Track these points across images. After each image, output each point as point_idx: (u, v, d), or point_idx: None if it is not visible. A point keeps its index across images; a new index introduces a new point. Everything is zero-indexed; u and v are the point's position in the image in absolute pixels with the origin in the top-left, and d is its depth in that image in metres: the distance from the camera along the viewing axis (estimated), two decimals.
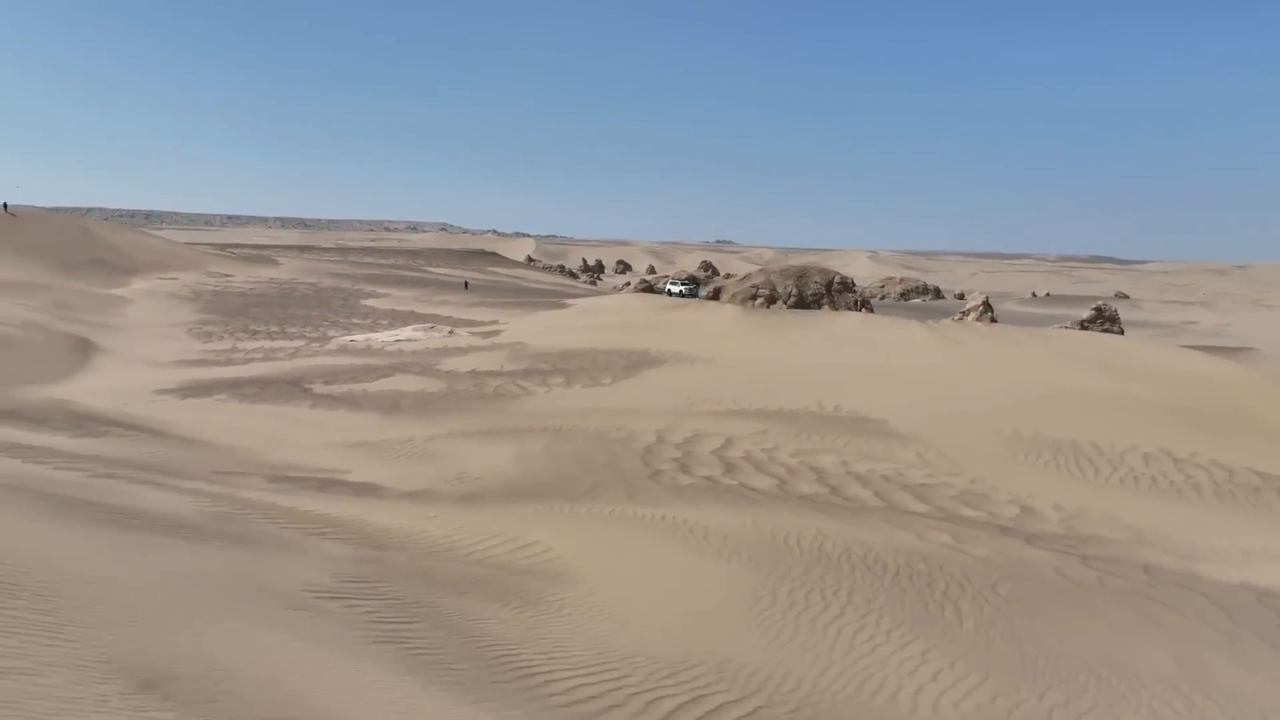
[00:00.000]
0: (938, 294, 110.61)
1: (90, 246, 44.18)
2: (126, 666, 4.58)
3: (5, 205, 52.32)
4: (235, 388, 20.01)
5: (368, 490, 12.34)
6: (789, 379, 20.56)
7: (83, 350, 23.45)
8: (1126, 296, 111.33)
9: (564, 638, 7.36)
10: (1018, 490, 13.97)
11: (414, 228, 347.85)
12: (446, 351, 26.52)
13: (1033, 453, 15.72)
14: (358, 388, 20.53)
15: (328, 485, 12.43)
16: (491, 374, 22.80)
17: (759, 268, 79.00)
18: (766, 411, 18.30)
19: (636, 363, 23.79)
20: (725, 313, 31.29)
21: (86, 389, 18.93)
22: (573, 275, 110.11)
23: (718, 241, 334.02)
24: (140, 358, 23.80)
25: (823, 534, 11.28)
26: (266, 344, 27.73)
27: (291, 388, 20.23)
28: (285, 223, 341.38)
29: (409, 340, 28.70)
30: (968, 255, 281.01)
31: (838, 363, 21.83)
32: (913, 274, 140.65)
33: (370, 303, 40.85)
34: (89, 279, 38.48)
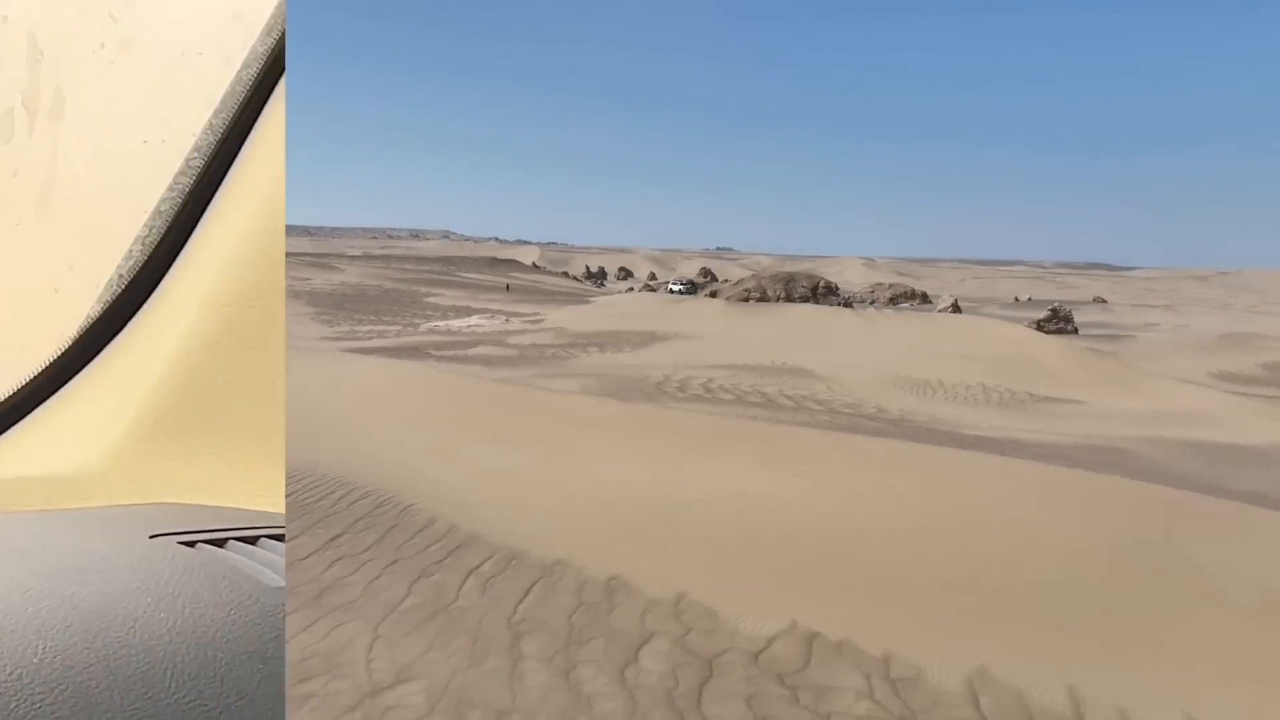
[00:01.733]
0: (925, 299, 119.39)
1: None
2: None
3: None
4: (379, 352, 29.44)
5: None
6: (754, 347, 29.93)
7: None
8: (1104, 301, 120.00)
9: None
10: (881, 403, 23.29)
11: (417, 235, 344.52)
12: (508, 333, 35.97)
13: (900, 385, 25.06)
14: (459, 353, 29.94)
15: None
16: (546, 346, 32.21)
17: (752, 274, 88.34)
18: (735, 365, 27.67)
19: (647, 339, 33.18)
20: (713, 305, 40.78)
21: None
22: (577, 281, 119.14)
23: (718, 249, 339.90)
24: (293, 334, 33.27)
25: (757, 417, 20.65)
26: (373, 328, 37.22)
27: (416, 353, 29.65)
28: (290, 230, 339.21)
29: (478, 325, 38.17)
30: (963, 262, 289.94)
31: (789, 337, 31.21)
32: (904, 280, 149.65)
33: (432, 300, 50.46)
34: None
